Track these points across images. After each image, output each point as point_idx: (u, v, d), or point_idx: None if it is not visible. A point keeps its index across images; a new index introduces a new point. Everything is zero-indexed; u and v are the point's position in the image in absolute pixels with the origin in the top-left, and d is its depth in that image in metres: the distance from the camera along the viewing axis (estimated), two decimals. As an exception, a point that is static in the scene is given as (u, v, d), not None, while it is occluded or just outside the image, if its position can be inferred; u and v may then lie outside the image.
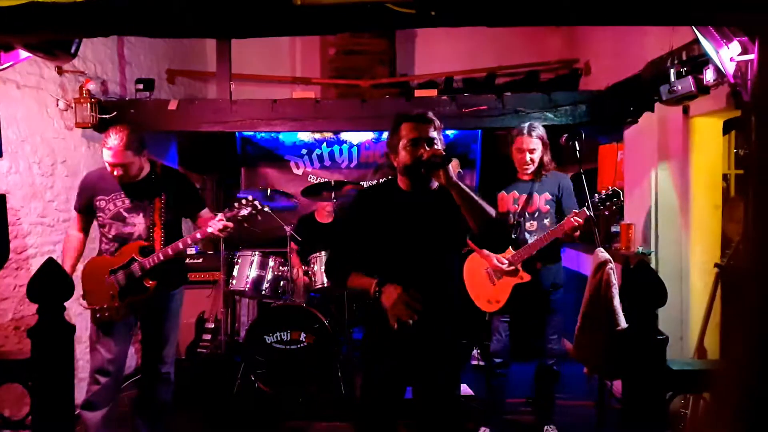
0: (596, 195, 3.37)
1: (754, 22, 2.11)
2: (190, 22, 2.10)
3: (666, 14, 2.04)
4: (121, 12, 1.99)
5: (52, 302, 1.77)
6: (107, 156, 3.11)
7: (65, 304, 1.84)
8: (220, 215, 3.18)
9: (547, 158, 3.58)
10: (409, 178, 2.44)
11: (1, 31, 2.21)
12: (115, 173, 3.15)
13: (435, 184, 2.46)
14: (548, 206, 3.61)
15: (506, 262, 3.45)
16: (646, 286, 1.61)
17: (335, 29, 3.77)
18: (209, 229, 3.16)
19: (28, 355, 1.87)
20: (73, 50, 2.50)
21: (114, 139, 3.08)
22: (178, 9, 1.94)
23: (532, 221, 3.60)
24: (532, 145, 3.56)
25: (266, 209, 4.78)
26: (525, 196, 3.64)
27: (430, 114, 2.42)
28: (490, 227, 2.31)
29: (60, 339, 1.79)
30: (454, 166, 2.40)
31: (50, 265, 1.79)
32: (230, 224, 3.17)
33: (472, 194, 2.28)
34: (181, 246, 3.16)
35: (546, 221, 3.57)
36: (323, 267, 4.50)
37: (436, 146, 2.36)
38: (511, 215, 3.60)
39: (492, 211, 2.32)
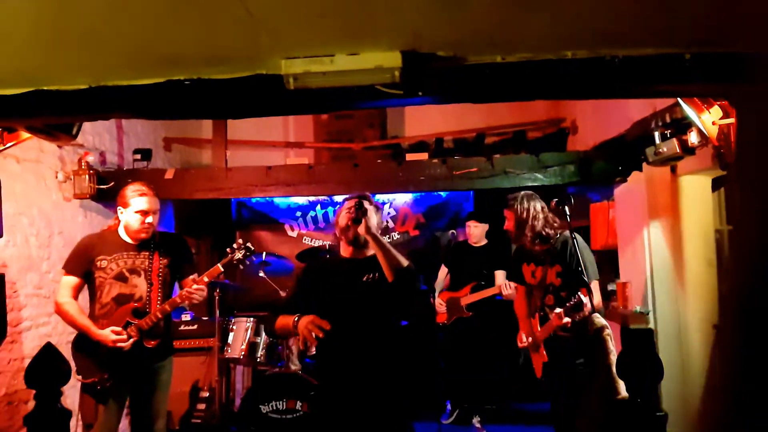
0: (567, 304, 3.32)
1: (727, 92, 2.20)
2: (189, 106, 2.17)
3: (638, 89, 2.14)
4: (121, 97, 2.06)
5: (49, 387, 1.76)
6: (145, 203, 3.15)
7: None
8: (198, 278, 3.25)
9: (537, 225, 3.47)
10: (347, 243, 2.72)
11: (5, 115, 2.28)
12: (147, 222, 3.17)
13: (371, 251, 2.68)
14: (560, 278, 3.45)
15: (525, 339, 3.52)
16: (643, 360, 1.62)
17: (327, 109, 3.90)
18: (184, 291, 3.19)
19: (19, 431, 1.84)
20: (74, 132, 2.58)
21: (145, 188, 3.18)
22: (177, 94, 2.02)
23: (548, 294, 3.50)
24: (507, 216, 3.59)
25: (261, 273, 4.82)
26: (541, 267, 3.55)
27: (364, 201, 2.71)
28: (399, 275, 2.58)
29: (56, 425, 1.77)
30: (372, 225, 2.65)
31: (48, 350, 1.79)
32: (203, 289, 3.22)
33: (387, 245, 2.61)
34: (179, 301, 3.16)
35: (562, 293, 3.42)
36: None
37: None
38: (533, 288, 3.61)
39: (404, 262, 2.61)
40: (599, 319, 2.61)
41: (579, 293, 2.98)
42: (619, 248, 4.65)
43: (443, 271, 5.51)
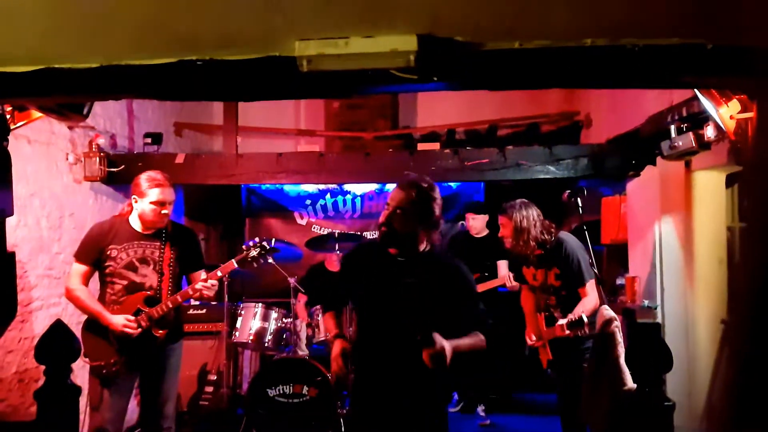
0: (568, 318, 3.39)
1: (746, 86, 2.16)
2: (201, 87, 2.16)
3: (658, 80, 2.10)
4: (133, 77, 2.05)
5: (59, 364, 1.77)
6: (164, 194, 3.16)
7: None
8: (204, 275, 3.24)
9: (534, 232, 3.52)
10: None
11: (15, 94, 2.27)
12: (164, 212, 3.18)
13: (424, 247, 2.42)
14: (559, 280, 3.57)
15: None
16: (652, 351, 1.61)
17: (340, 94, 3.87)
18: (197, 285, 3.19)
19: (30, 409, 1.86)
20: (85, 112, 2.57)
21: (162, 178, 3.18)
22: (189, 76, 2.00)
23: (551, 296, 3.64)
24: (503, 223, 3.64)
25: (269, 260, 4.82)
26: (540, 270, 3.64)
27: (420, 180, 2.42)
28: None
29: (66, 401, 1.79)
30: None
31: (58, 326, 1.80)
32: (215, 284, 3.22)
33: (467, 350, 2.28)
34: (190, 293, 3.17)
35: (563, 293, 3.57)
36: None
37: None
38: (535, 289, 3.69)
39: (482, 343, 2.34)
40: (608, 311, 2.59)
41: (582, 313, 3.03)
42: (629, 243, 4.62)
43: None
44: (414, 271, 2.35)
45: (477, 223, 5.25)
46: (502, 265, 5.11)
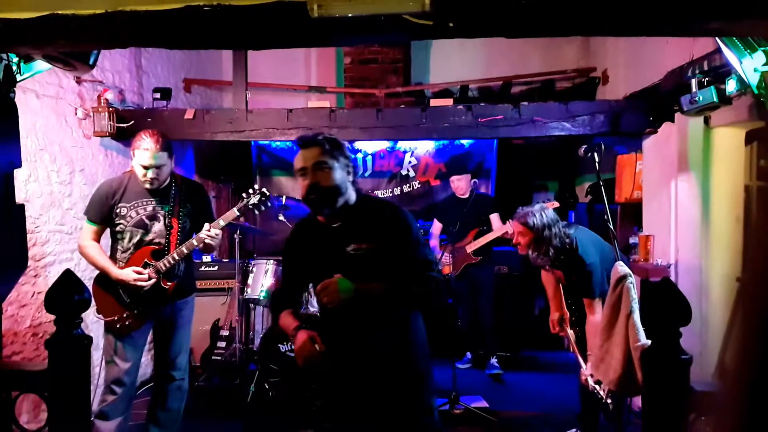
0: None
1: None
2: (208, 35, 2.10)
3: (684, 26, 2.00)
4: (139, 24, 1.99)
5: (69, 313, 1.77)
6: (144, 158, 3.10)
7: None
8: (212, 224, 3.19)
9: (555, 242, 3.28)
10: (313, 211, 2.29)
11: (20, 42, 2.23)
12: (149, 176, 3.13)
13: (349, 204, 2.26)
14: (572, 277, 3.47)
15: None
16: (669, 304, 1.57)
17: (352, 41, 3.77)
18: (201, 235, 3.15)
19: (45, 362, 1.86)
20: (91, 61, 2.52)
21: (148, 141, 3.09)
22: (197, 21, 1.94)
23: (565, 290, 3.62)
24: (520, 232, 3.38)
25: (280, 217, 4.82)
26: (555, 270, 3.54)
27: (321, 137, 2.25)
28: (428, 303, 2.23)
29: (77, 350, 1.79)
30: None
31: (68, 276, 1.79)
32: (219, 233, 3.17)
33: (379, 295, 2.15)
34: (195, 243, 3.16)
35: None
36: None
37: (329, 174, 2.17)
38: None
39: (408, 292, 2.18)
40: (622, 268, 2.55)
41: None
42: (644, 201, 4.55)
43: (437, 226, 5.52)
44: (352, 236, 2.21)
45: (462, 184, 5.35)
46: (495, 218, 5.25)
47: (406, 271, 2.19)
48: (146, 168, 3.12)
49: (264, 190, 3.36)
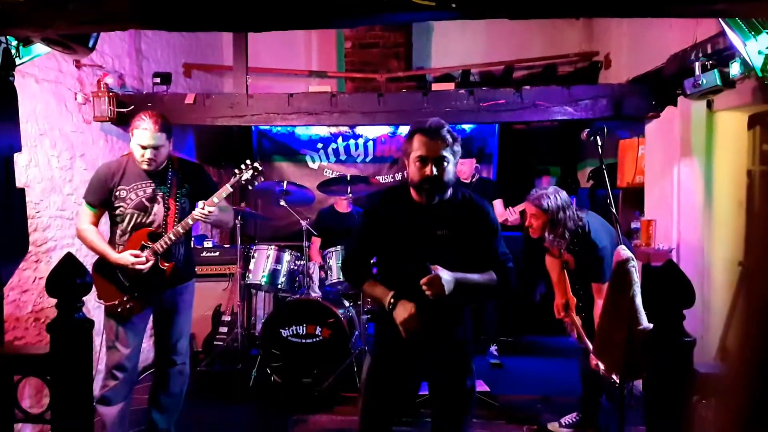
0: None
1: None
2: (208, 16, 2.08)
3: (690, 6, 1.98)
4: (138, 5, 1.97)
5: (70, 297, 1.77)
6: (142, 138, 3.08)
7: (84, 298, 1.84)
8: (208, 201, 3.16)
9: (570, 224, 3.23)
10: (417, 193, 2.37)
11: (19, 24, 2.21)
12: (147, 156, 3.10)
13: (449, 194, 2.39)
14: (578, 263, 3.46)
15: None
16: (673, 286, 1.57)
17: (353, 22, 3.74)
18: (195, 213, 3.12)
19: (47, 348, 1.86)
20: (91, 44, 2.49)
21: (148, 121, 3.07)
22: (195, 3, 1.92)
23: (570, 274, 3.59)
24: (533, 214, 3.33)
25: (282, 203, 4.81)
26: (569, 256, 3.50)
27: (445, 130, 2.32)
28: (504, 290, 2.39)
29: (79, 334, 1.79)
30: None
31: (69, 260, 1.79)
32: (212, 213, 3.13)
33: (473, 284, 2.31)
34: (190, 222, 3.14)
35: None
36: (339, 262, 4.49)
37: (446, 168, 2.29)
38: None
39: (492, 282, 2.35)
40: (624, 251, 2.54)
41: None
42: (646, 186, 4.54)
43: None
44: (444, 221, 2.34)
45: (465, 168, 5.29)
46: (498, 204, 5.20)
47: (488, 261, 2.37)
48: (144, 148, 3.10)
49: (257, 164, 3.33)
